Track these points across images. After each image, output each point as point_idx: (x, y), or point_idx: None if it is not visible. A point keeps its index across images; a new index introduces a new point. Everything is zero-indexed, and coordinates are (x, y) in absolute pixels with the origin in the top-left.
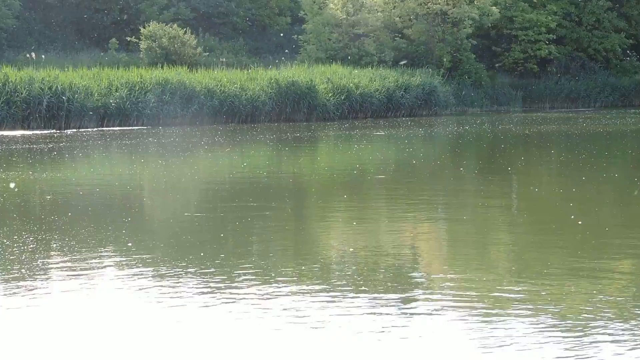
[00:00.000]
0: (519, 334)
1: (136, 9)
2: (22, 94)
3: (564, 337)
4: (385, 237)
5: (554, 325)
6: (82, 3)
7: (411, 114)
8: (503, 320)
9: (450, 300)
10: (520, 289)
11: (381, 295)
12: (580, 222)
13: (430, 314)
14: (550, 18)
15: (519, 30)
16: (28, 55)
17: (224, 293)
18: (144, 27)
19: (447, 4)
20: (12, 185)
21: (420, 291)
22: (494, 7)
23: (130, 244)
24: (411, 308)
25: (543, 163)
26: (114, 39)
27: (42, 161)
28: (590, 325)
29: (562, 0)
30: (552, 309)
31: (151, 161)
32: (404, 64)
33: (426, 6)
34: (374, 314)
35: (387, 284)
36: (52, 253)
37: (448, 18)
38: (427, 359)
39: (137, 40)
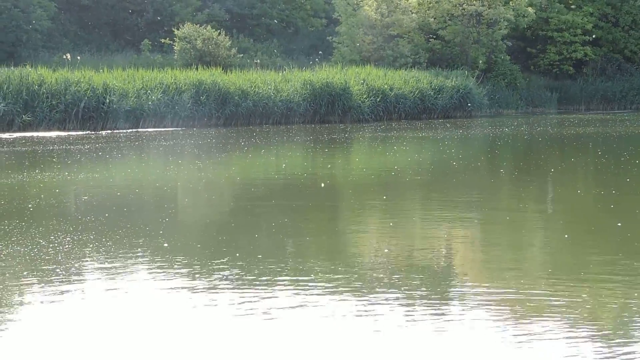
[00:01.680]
0: (554, 337)
1: (170, 10)
2: (59, 95)
3: (599, 342)
4: (421, 238)
5: (590, 330)
6: (117, 4)
7: (445, 115)
8: (538, 323)
9: (484, 302)
10: (556, 292)
11: (415, 296)
12: (619, 224)
13: (464, 316)
14: (586, 19)
15: (555, 32)
16: (64, 57)
17: (259, 294)
18: (178, 29)
19: (483, 5)
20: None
21: (455, 293)
22: (529, 8)
23: (166, 245)
24: (445, 309)
25: (581, 165)
26: (146, 40)
27: (79, 162)
28: (628, 330)
29: (598, 1)
30: (588, 313)
31: (188, 162)
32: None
33: (461, 7)
34: (408, 314)
35: (422, 285)
36: (88, 254)
37: (483, 19)
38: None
39: (171, 42)
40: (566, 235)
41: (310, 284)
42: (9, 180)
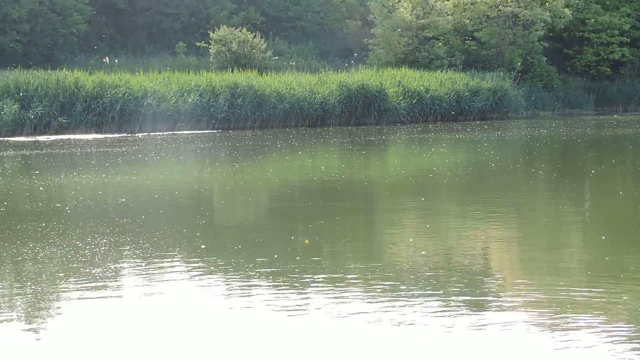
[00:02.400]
0: (593, 338)
1: (206, 13)
2: (95, 98)
3: (638, 342)
4: (458, 239)
5: (629, 331)
6: (153, 7)
7: (481, 117)
8: (575, 325)
9: (522, 303)
10: (595, 293)
11: (452, 297)
12: None
13: (502, 317)
14: (623, 20)
15: (592, 33)
16: (103, 60)
17: (295, 295)
18: (214, 32)
19: (519, 6)
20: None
21: (492, 294)
22: (566, 9)
23: (203, 247)
24: (482, 310)
25: (621, 166)
26: (181, 43)
27: (117, 164)
28: None
29: (636, 1)
30: (628, 314)
31: (225, 164)
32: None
33: (497, 9)
34: (445, 315)
35: (459, 286)
36: (125, 255)
37: (519, 20)
38: None
39: (206, 45)
40: (604, 237)
41: (346, 285)
42: (46, 183)
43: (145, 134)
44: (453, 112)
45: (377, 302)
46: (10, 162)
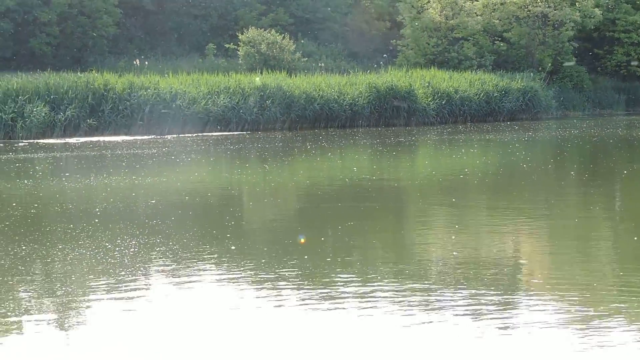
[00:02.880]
0: (623, 338)
1: (234, 14)
2: (124, 100)
3: None
4: (489, 239)
5: None
6: (182, 10)
7: (511, 118)
8: (605, 326)
9: (552, 303)
10: (625, 294)
11: (483, 296)
12: None
13: (532, 317)
14: None
15: (622, 33)
16: (134, 62)
17: (325, 295)
18: (243, 33)
19: (548, 7)
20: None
21: (523, 293)
22: (596, 9)
23: (233, 248)
24: (513, 309)
25: None
26: (210, 44)
27: (147, 166)
28: None
29: None
30: None
31: (255, 165)
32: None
33: (527, 9)
34: (476, 314)
35: (489, 285)
36: (154, 257)
37: (549, 21)
38: None
39: (235, 47)
40: (635, 237)
41: (376, 285)
42: (77, 184)
43: (174, 135)
44: (482, 113)
45: (407, 302)
46: (41, 164)
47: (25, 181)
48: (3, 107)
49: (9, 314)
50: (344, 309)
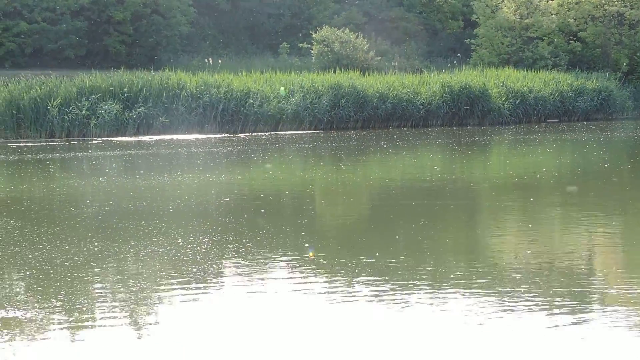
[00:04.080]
0: None
1: (308, 13)
2: (198, 98)
3: None
4: (563, 240)
5: None
6: (255, 8)
7: (586, 118)
8: None
9: (626, 304)
10: None
11: (556, 297)
12: None
13: (605, 318)
14: None
15: None
16: (206, 61)
17: (397, 294)
18: (316, 32)
19: (625, 6)
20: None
21: (595, 296)
22: None
23: (306, 245)
24: (585, 311)
25: None
26: (284, 44)
27: (221, 164)
28: None
29: None
30: None
31: (330, 164)
32: None
33: (602, 8)
34: (549, 315)
35: (562, 286)
36: (227, 254)
37: (625, 20)
38: None
39: (308, 46)
40: None
41: (449, 285)
42: (151, 182)
43: (248, 134)
44: (557, 113)
45: (479, 301)
46: (116, 161)
47: (100, 179)
48: (77, 105)
49: (83, 309)
50: (416, 306)
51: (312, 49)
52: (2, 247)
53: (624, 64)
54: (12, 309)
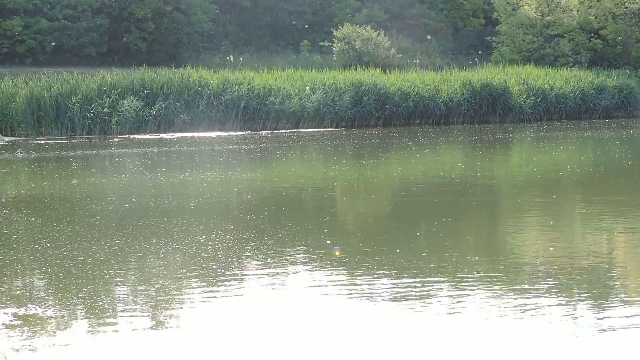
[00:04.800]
0: None
1: (329, 11)
2: (219, 96)
3: None
4: (584, 239)
5: None
6: (276, 6)
7: (607, 115)
8: None
9: None
10: None
11: (578, 294)
12: None
13: (628, 317)
14: None
15: None
16: (228, 58)
17: (417, 291)
18: (337, 30)
19: None
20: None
21: (616, 294)
22: None
23: (328, 242)
24: (608, 309)
25: None
26: (305, 41)
27: (243, 161)
28: None
29: None
30: None
31: (352, 161)
32: None
33: (623, 5)
34: (570, 313)
35: (584, 284)
36: (248, 252)
37: None
38: None
39: (329, 44)
40: None
41: (470, 282)
42: (172, 179)
43: (269, 131)
44: (578, 110)
45: (500, 299)
46: (138, 159)
47: (122, 176)
48: (99, 102)
49: (104, 307)
50: (436, 304)
51: (333, 47)
52: (23, 244)
53: None
54: (33, 306)
